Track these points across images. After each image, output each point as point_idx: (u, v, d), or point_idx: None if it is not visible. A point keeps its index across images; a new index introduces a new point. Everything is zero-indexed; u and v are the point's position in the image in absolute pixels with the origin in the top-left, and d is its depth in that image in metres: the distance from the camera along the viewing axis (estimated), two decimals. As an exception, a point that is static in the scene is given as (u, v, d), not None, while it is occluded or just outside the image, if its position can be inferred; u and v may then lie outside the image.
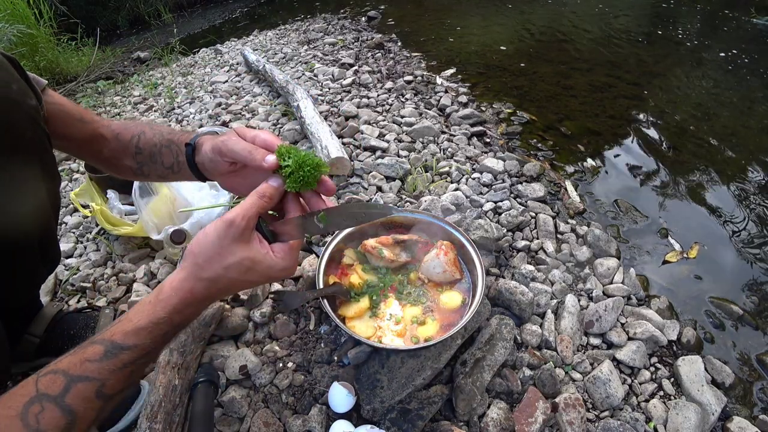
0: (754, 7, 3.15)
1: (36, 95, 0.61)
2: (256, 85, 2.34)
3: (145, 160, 0.74)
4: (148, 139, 0.73)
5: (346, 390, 0.78)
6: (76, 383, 0.43)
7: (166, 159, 0.72)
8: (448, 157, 1.57)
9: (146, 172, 0.75)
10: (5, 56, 0.57)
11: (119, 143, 0.74)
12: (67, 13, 3.77)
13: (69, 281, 1.15)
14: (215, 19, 4.92)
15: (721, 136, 1.82)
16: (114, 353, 0.46)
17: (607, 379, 0.85)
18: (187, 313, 0.51)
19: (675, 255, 1.25)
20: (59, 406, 0.41)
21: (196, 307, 0.52)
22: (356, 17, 3.71)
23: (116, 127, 0.76)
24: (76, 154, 0.78)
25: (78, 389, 0.43)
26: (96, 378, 0.44)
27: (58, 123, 0.69)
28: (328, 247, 0.94)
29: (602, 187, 1.54)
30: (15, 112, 0.56)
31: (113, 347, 0.46)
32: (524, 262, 1.14)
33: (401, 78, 2.23)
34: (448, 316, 0.86)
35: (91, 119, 0.73)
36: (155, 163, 0.73)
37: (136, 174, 0.77)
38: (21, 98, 0.57)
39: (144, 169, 0.75)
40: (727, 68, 2.43)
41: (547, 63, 2.52)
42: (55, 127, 0.69)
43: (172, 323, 0.50)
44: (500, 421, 0.78)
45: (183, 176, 0.72)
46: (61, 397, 0.41)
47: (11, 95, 0.56)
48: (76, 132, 0.71)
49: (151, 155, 0.73)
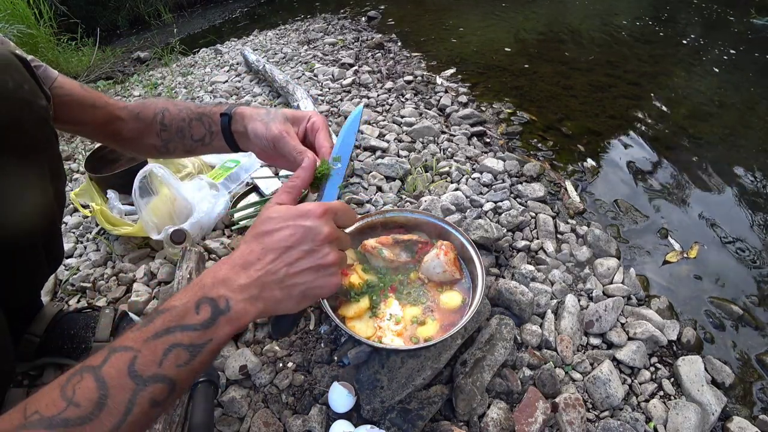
0: (754, 7, 3.15)
1: (45, 95, 0.62)
2: (256, 85, 2.34)
3: (172, 136, 0.75)
4: (174, 115, 0.75)
5: (346, 390, 0.78)
6: (114, 352, 0.41)
7: (196, 132, 0.74)
8: (448, 157, 1.57)
9: (171, 148, 0.77)
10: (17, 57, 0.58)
11: (140, 122, 0.75)
12: (67, 13, 3.77)
13: (69, 281, 1.15)
14: (215, 19, 4.92)
15: (721, 136, 1.82)
16: (151, 317, 0.43)
17: (607, 379, 0.85)
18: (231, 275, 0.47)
19: (675, 255, 1.25)
20: (95, 377, 0.39)
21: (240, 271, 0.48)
22: (356, 17, 3.71)
23: (134, 107, 0.76)
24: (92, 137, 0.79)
25: (114, 360, 0.40)
26: (130, 347, 0.41)
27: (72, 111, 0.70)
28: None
29: (602, 187, 1.54)
30: (27, 112, 0.57)
31: (151, 314, 0.44)
32: (524, 262, 1.14)
33: (401, 78, 2.22)
34: (448, 316, 0.86)
35: (104, 103, 0.74)
36: (183, 138, 0.74)
37: (159, 151, 0.78)
38: (32, 98, 0.58)
39: (170, 145, 0.76)
40: (727, 68, 2.43)
41: (547, 63, 2.52)
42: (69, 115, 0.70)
43: None
44: (500, 421, 0.78)
45: (214, 147, 0.75)
46: (99, 367, 0.39)
47: (23, 95, 0.56)
48: (89, 118, 0.72)
49: (179, 130, 0.74)
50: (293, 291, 0.49)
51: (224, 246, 1.17)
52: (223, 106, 0.73)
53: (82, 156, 1.77)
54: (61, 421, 0.36)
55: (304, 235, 0.49)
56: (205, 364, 0.44)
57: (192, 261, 1.02)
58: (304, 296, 0.50)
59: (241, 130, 0.70)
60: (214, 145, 0.74)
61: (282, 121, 0.66)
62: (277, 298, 0.48)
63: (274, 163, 0.73)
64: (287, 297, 0.49)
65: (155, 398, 0.40)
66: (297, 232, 0.49)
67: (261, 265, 0.48)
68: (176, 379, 0.41)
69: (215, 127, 0.72)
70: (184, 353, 0.42)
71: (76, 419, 0.36)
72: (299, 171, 0.59)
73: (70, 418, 0.36)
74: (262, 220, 0.51)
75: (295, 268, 0.49)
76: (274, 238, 0.49)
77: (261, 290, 0.47)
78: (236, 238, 1.21)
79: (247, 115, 0.69)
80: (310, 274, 0.49)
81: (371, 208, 1.30)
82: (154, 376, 0.40)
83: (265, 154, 0.71)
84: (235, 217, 1.27)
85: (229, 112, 0.71)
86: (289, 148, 0.62)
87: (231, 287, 0.46)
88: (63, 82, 0.71)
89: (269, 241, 0.49)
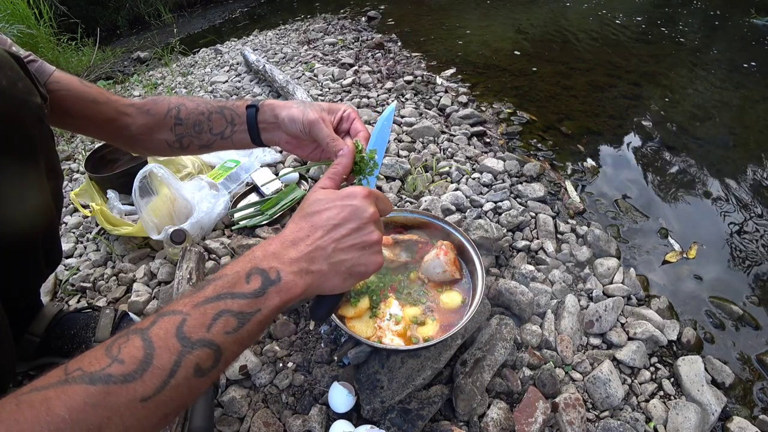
0: (754, 7, 3.15)
1: (40, 93, 0.61)
2: (256, 85, 2.34)
3: (188, 130, 0.75)
4: (192, 109, 0.75)
5: (346, 390, 0.78)
6: (163, 316, 0.41)
7: (216, 125, 0.74)
8: (448, 157, 1.57)
9: (186, 143, 0.76)
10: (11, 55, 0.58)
11: (151, 118, 0.75)
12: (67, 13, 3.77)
13: (69, 281, 1.15)
14: (215, 19, 4.92)
15: (721, 136, 1.82)
16: (201, 285, 0.44)
17: (607, 379, 0.85)
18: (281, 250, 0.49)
19: (675, 255, 1.25)
20: (142, 338, 0.39)
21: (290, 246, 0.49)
22: (356, 17, 3.71)
23: (142, 103, 0.76)
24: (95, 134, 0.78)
25: (162, 322, 0.40)
26: (180, 311, 0.41)
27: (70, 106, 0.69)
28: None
29: (602, 187, 1.54)
30: (22, 110, 0.57)
31: (202, 282, 0.45)
32: (524, 262, 1.14)
33: (401, 78, 2.22)
34: (448, 316, 0.86)
35: (105, 99, 0.73)
36: (201, 132, 0.75)
37: (171, 147, 0.77)
38: (27, 96, 0.58)
39: (184, 140, 0.76)
40: (727, 68, 2.43)
41: (547, 63, 2.52)
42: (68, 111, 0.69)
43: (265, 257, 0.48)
44: (500, 421, 0.78)
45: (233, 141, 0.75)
46: (147, 329, 0.40)
47: (17, 93, 0.56)
48: (90, 113, 0.71)
49: (197, 123, 0.74)
50: (340, 267, 0.51)
51: (224, 246, 1.17)
52: (245, 101, 0.74)
53: (82, 156, 1.77)
54: (104, 377, 0.35)
55: (351, 213, 0.52)
56: (252, 335, 0.44)
57: (192, 261, 1.02)
58: (350, 273, 0.51)
59: (270, 120, 0.71)
60: (234, 138, 0.74)
61: (319, 109, 0.67)
62: (324, 273, 0.49)
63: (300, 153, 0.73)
64: (334, 273, 0.50)
65: (200, 364, 0.40)
66: (344, 210, 0.51)
67: (310, 241, 0.50)
68: (223, 346, 0.41)
69: (238, 119, 0.73)
70: (233, 320, 0.42)
71: (119, 376, 0.36)
72: (340, 158, 0.61)
73: (113, 375, 0.36)
74: (310, 202, 0.53)
75: (343, 243, 0.51)
76: (323, 217, 0.51)
77: (310, 264, 0.49)
78: (236, 238, 1.21)
79: (279, 105, 0.71)
80: (356, 250, 0.51)
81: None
82: (202, 340, 0.40)
83: (294, 142, 0.72)
84: (235, 217, 1.27)
85: (256, 104, 0.72)
86: (324, 134, 0.65)
87: (281, 260, 0.47)
88: (59, 77, 0.69)
89: (317, 220, 0.51)
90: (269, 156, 1.53)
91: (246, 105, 0.73)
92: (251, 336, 0.44)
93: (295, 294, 0.47)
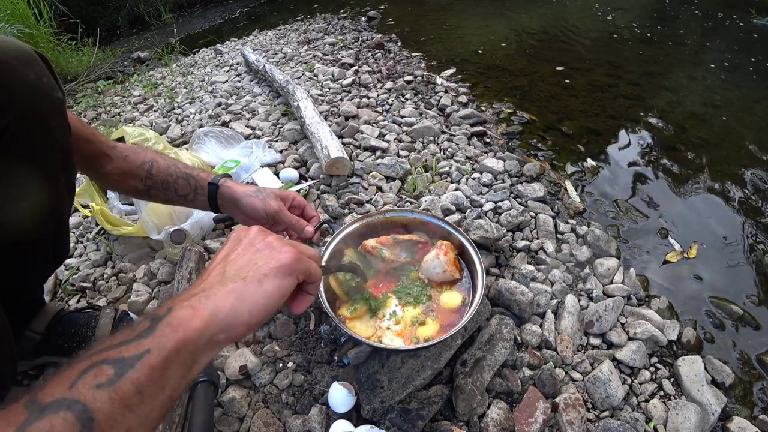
0: (754, 7, 3.15)
1: (60, 89, 0.66)
2: (256, 85, 2.34)
3: (156, 185, 0.83)
4: (162, 169, 0.83)
5: (346, 390, 0.78)
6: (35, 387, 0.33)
7: (181, 189, 0.84)
8: (448, 157, 1.57)
9: (153, 194, 0.85)
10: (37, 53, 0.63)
11: (127, 164, 0.82)
12: (67, 13, 3.77)
13: (69, 281, 1.15)
14: (215, 19, 4.92)
15: (721, 136, 1.82)
16: None
17: (607, 379, 0.85)
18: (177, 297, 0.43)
19: (675, 255, 1.25)
20: None
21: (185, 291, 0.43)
22: (356, 17, 3.71)
23: (124, 149, 0.84)
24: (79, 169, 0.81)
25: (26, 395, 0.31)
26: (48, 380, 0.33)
27: None
28: (329, 246, 0.94)
29: (602, 187, 1.54)
30: (45, 103, 0.61)
31: None
32: (524, 262, 1.14)
33: (401, 78, 2.23)
34: (449, 316, 0.86)
35: (97, 140, 0.79)
36: (167, 190, 0.84)
37: (140, 193, 0.85)
38: (50, 90, 0.62)
39: (152, 192, 0.84)
40: (727, 68, 2.43)
41: (547, 63, 2.52)
42: None
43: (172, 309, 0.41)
44: (500, 421, 0.78)
45: (195, 205, 0.86)
46: None
47: (42, 87, 0.61)
48: (81, 150, 0.75)
49: (164, 182, 0.83)
50: (246, 272, 0.43)
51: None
52: (209, 174, 0.85)
53: (82, 156, 1.77)
54: None
55: (235, 237, 0.49)
56: (142, 387, 0.32)
57: (192, 261, 1.02)
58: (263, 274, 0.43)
59: (228, 200, 0.82)
60: (196, 202, 0.85)
61: (275, 198, 0.80)
62: (232, 289, 0.41)
63: None
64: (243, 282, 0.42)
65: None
66: (229, 241, 0.49)
67: (204, 276, 0.45)
68: (92, 406, 0.30)
69: (201, 190, 0.83)
70: (107, 369, 0.32)
71: None
72: None
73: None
74: None
75: (237, 255, 0.46)
76: (211, 261, 0.48)
77: (210, 290, 0.41)
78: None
79: (238, 192, 0.81)
80: (252, 254, 0.45)
81: (371, 208, 1.30)
82: (57, 402, 0.29)
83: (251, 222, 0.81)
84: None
85: (216, 182, 0.83)
86: (289, 219, 0.80)
87: (174, 301, 0.40)
88: None
89: (211, 264, 0.47)
90: (269, 156, 1.53)
91: (208, 181, 0.83)
92: (140, 390, 0.32)
93: (198, 324, 0.37)
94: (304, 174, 1.48)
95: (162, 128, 1.92)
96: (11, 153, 0.59)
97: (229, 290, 0.41)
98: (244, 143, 1.59)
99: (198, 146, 1.57)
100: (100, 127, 2.06)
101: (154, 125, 1.98)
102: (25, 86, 0.58)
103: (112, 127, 2.05)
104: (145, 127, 1.62)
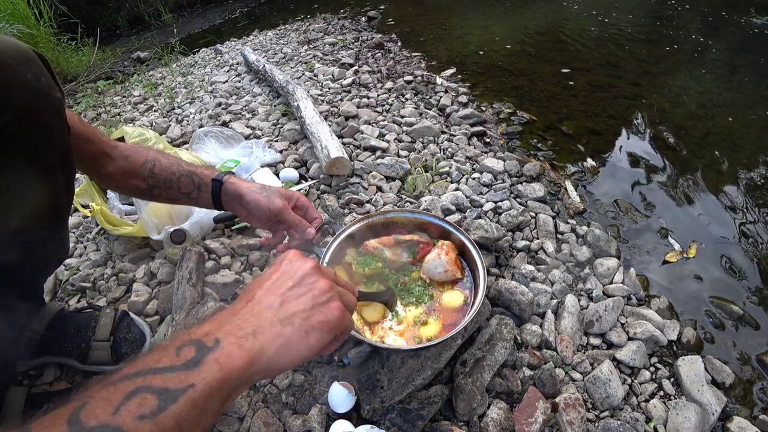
0: (754, 7, 3.15)
1: (59, 89, 0.65)
2: (256, 85, 2.34)
3: (159, 183, 0.82)
4: (164, 167, 0.83)
5: (346, 390, 0.78)
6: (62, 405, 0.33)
7: (184, 186, 0.83)
8: (448, 157, 1.57)
9: (155, 193, 0.84)
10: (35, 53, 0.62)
11: (129, 164, 0.81)
12: (67, 13, 3.77)
13: (69, 281, 1.15)
14: (215, 19, 4.92)
15: (721, 136, 1.82)
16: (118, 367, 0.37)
17: (607, 379, 0.85)
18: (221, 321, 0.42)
19: (675, 255, 1.25)
20: None
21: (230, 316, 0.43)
22: (356, 17, 3.71)
23: (125, 148, 0.83)
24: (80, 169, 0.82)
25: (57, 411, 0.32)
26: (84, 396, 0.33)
27: None
28: (330, 247, 0.94)
29: (602, 187, 1.54)
30: (44, 102, 0.61)
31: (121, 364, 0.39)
32: (524, 262, 1.14)
33: (401, 78, 2.23)
34: (451, 315, 0.86)
35: (97, 139, 0.79)
36: (170, 189, 0.83)
37: (142, 193, 0.84)
38: (48, 90, 0.62)
39: (154, 191, 0.83)
40: (727, 68, 2.43)
41: (547, 63, 2.52)
42: None
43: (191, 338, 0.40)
44: (500, 421, 0.78)
45: (198, 202, 0.85)
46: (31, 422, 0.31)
47: (41, 87, 0.60)
48: (82, 150, 0.75)
49: (166, 181, 0.82)
50: (294, 321, 0.43)
51: (224, 246, 1.17)
52: (213, 171, 0.84)
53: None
54: None
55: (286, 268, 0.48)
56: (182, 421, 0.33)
57: (192, 261, 1.02)
58: (311, 326, 0.44)
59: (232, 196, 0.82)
60: (199, 200, 0.84)
61: (280, 196, 0.80)
62: (279, 333, 0.42)
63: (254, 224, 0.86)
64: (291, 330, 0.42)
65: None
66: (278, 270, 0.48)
67: (252, 304, 0.44)
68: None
69: (204, 187, 0.83)
70: (151, 399, 0.32)
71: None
72: None
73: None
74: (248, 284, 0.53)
75: (288, 296, 0.45)
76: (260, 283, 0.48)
77: (260, 329, 0.41)
78: (236, 238, 1.21)
79: (243, 188, 0.81)
80: (305, 300, 0.45)
81: (371, 208, 1.31)
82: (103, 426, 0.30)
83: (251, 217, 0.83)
84: (235, 217, 1.27)
85: (220, 179, 0.82)
86: (292, 218, 0.80)
87: (221, 329, 0.40)
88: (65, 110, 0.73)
89: (254, 287, 0.47)
90: (269, 156, 1.53)
91: (212, 177, 0.83)
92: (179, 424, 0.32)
93: (242, 364, 0.38)
94: (304, 174, 1.48)
95: (162, 128, 1.92)
96: (9, 153, 0.58)
97: (277, 334, 0.42)
98: (244, 143, 1.59)
99: (198, 146, 1.57)
100: (100, 127, 2.06)
101: (154, 125, 1.98)
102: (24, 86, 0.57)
103: (112, 127, 2.05)
104: (145, 127, 1.62)
